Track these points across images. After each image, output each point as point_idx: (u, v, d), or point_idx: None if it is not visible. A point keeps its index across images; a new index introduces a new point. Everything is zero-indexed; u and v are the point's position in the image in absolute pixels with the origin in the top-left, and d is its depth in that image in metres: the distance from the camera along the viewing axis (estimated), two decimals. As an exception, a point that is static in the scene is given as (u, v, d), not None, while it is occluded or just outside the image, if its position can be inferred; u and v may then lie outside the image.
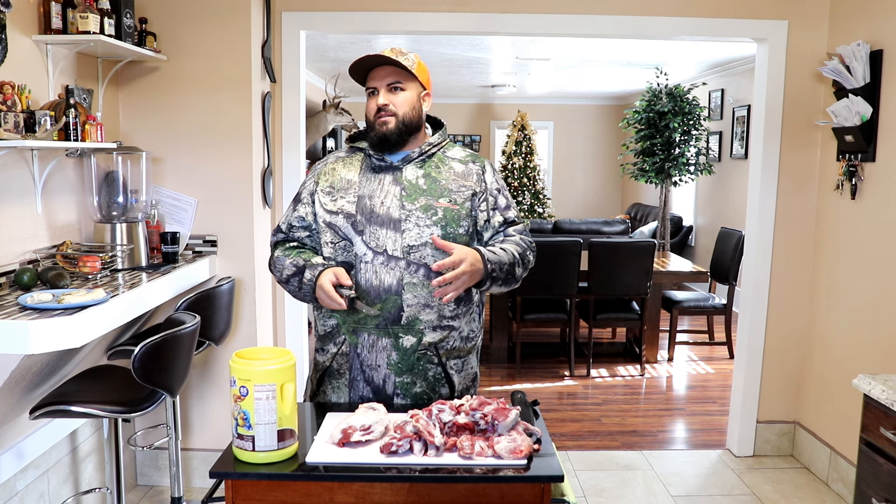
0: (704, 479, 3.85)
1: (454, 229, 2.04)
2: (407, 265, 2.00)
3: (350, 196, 2.07)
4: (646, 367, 5.86)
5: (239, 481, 1.63)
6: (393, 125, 2.05)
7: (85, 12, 2.75)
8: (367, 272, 2.02)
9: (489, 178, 2.15)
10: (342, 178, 2.11)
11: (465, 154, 2.18)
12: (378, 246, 2.01)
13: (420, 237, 2.01)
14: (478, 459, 1.64)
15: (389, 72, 2.06)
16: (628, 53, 7.54)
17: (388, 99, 2.06)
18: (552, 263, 5.42)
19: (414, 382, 2.05)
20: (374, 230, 2.02)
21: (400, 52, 2.08)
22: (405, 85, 2.08)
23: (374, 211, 2.03)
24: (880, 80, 3.33)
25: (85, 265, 2.72)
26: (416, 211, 2.03)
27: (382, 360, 2.04)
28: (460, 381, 2.14)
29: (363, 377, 2.06)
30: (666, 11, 3.74)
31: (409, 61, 2.07)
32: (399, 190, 2.05)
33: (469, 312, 2.13)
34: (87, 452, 3.26)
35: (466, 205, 2.08)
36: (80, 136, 2.74)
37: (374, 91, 2.09)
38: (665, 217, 8.59)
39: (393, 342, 2.03)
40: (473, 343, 2.17)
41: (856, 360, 3.53)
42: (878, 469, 2.25)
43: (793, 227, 3.93)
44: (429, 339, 2.04)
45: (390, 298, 2.01)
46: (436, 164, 2.12)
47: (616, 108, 12.30)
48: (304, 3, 3.66)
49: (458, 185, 2.09)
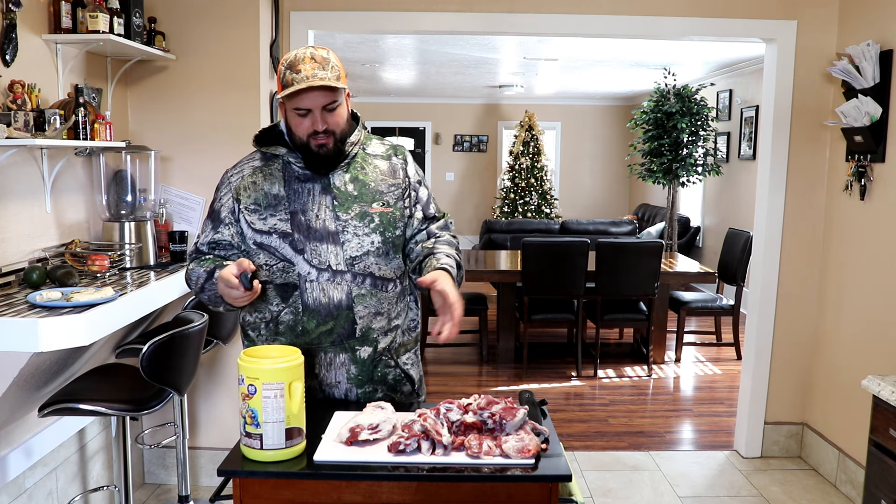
0: (712, 481, 3.84)
1: (392, 233, 1.99)
2: (353, 277, 1.94)
3: (281, 213, 1.94)
4: (653, 367, 5.85)
5: (247, 479, 1.63)
6: (332, 145, 1.91)
7: (94, 12, 2.76)
8: (314, 291, 1.93)
9: (410, 171, 2.07)
10: (266, 192, 1.95)
11: (385, 148, 2.08)
12: (321, 262, 1.92)
13: (361, 247, 1.94)
14: (485, 459, 1.63)
15: (323, 93, 1.85)
16: (636, 54, 7.52)
17: (326, 121, 1.88)
18: (559, 264, 5.42)
19: (375, 390, 2.03)
20: (315, 246, 1.92)
21: (322, 58, 1.86)
22: (338, 100, 1.89)
23: (310, 226, 1.93)
24: (890, 80, 3.32)
25: (94, 264, 2.73)
26: (352, 220, 1.94)
27: (342, 376, 1.99)
28: (417, 373, 2.13)
29: (323, 396, 2.01)
30: (674, 12, 3.73)
31: (335, 71, 1.86)
32: (330, 199, 1.95)
33: (406, 305, 2.09)
34: (95, 450, 3.27)
35: (399, 204, 2.01)
36: (89, 135, 2.75)
37: (305, 113, 1.88)
38: (673, 218, 8.57)
39: (350, 356, 1.98)
40: (416, 332, 2.14)
41: (864, 361, 3.51)
42: (887, 471, 2.23)
43: (801, 228, 3.91)
44: (383, 345, 2.01)
45: (342, 314, 1.94)
46: (360, 164, 2.01)
47: (624, 109, 12.27)
48: (313, 3, 3.66)
49: (388, 185, 2.01)
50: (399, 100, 12.20)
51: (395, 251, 2.01)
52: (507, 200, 11.31)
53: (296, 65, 1.84)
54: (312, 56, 1.86)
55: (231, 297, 1.83)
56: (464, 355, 6.19)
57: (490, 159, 12.66)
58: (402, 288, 2.07)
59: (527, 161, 11.25)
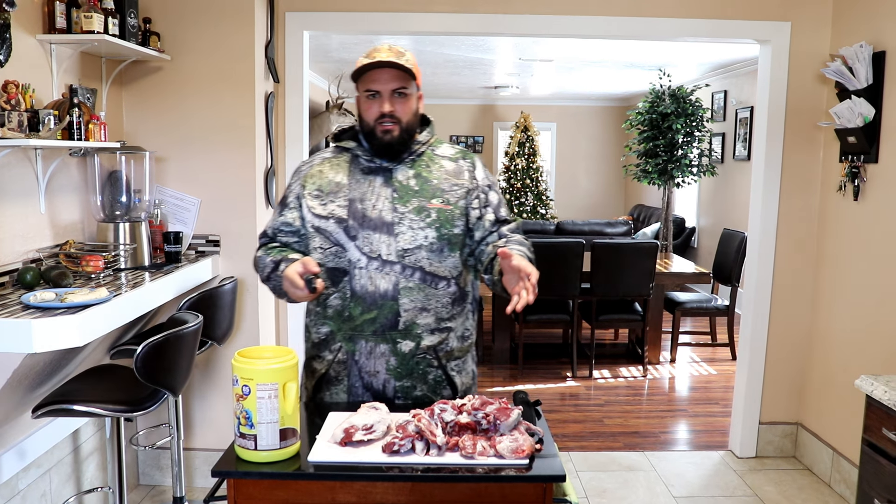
0: (707, 480, 3.85)
1: (448, 230, 2.00)
2: (402, 269, 1.97)
3: (340, 200, 2.01)
4: (648, 368, 5.85)
5: (241, 480, 1.63)
6: (397, 133, 1.99)
7: (89, 12, 2.76)
8: (362, 278, 1.97)
9: (479, 175, 2.11)
10: (330, 180, 2.05)
11: (455, 151, 2.13)
12: (372, 251, 1.97)
13: (414, 240, 1.97)
14: (480, 459, 1.63)
15: (393, 75, 1.97)
16: (631, 55, 7.53)
17: (394, 106, 1.98)
18: (555, 264, 5.42)
19: (414, 386, 2.04)
20: (367, 234, 1.97)
21: (399, 51, 1.99)
22: (408, 89, 2.00)
23: (365, 215, 1.98)
24: (883, 81, 3.33)
25: (88, 264, 2.72)
26: (408, 213, 1.98)
27: (381, 366, 2.01)
28: (462, 382, 2.12)
29: (362, 383, 2.04)
30: (669, 13, 3.74)
31: (409, 63, 1.99)
32: (391, 192, 2.00)
33: (464, 311, 2.10)
34: (89, 452, 3.26)
35: (460, 203, 2.04)
36: (83, 136, 2.75)
37: (374, 94, 1.99)
38: (668, 218, 8.58)
39: (391, 347, 2.00)
40: (470, 342, 2.15)
41: (858, 361, 3.52)
42: (880, 470, 2.24)
43: (795, 229, 3.92)
44: (427, 343, 2.02)
45: (386, 304, 1.97)
46: (426, 163, 2.06)
47: (619, 110, 12.29)
48: (308, 4, 3.66)
49: (451, 184, 2.05)
50: (394, 100, 12.19)
51: (449, 249, 2.02)
52: (503, 201, 11.30)
53: (372, 52, 2.00)
54: (390, 47, 2.00)
55: (294, 295, 1.91)
56: (459, 356, 6.18)
57: (486, 160, 12.66)
58: (460, 291, 2.06)
59: (522, 162, 11.26)
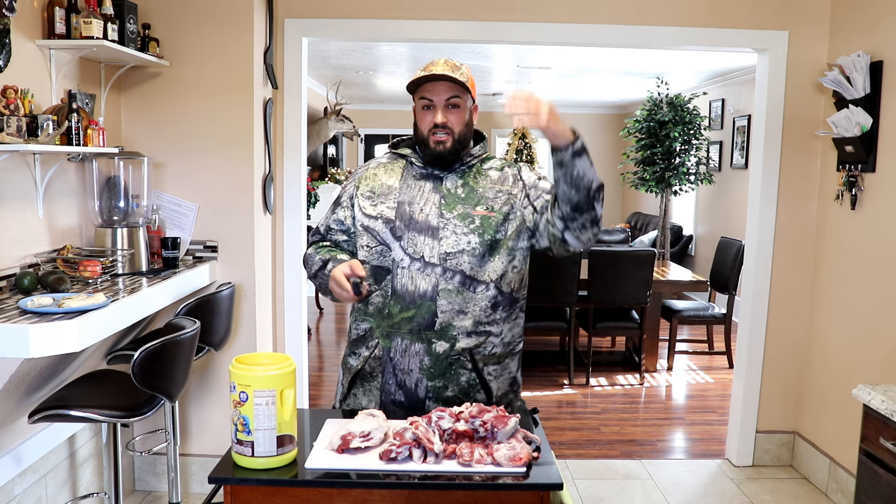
0: (703, 489, 3.84)
1: (491, 236, 2.04)
2: (443, 272, 2.02)
3: (390, 202, 2.09)
4: (645, 376, 5.85)
5: (238, 487, 1.63)
6: (450, 144, 2.05)
7: (88, 17, 2.76)
8: (403, 278, 2.03)
9: (526, 175, 2.15)
10: (383, 183, 2.13)
11: (502, 163, 2.19)
12: (415, 252, 2.03)
13: (457, 245, 2.02)
14: (477, 467, 1.63)
15: (447, 87, 2.04)
16: (629, 63, 7.56)
17: (447, 117, 2.04)
18: (552, 272, 5.42)
19: (446, 387, 2.06)
20: (413, 236, 2.04)
21: (455, 65, 2.06)
22: (461, 101, 2.06)
23: (413, 217, 2.05)
24: (880, 90, 3.34)
25: (85, 269, 2.72)
26: (453, 219, 2.04)
27: (415, 365, 2.04)
28: (498, 388, 2.12)
29: (395, 381, 2.07)
30: (667, 21, 3.75)
31: (464, 76, 2.05)
32: (439, 198, 2.07)
33: (511, 318, 2.13)
34: (86, 457, 3.25)
35: (504, 209, 2.07)
36: (82, 141, 2.75)
37: (429, 105, 2.06)
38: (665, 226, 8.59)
39: (426, 347, 2.03)
40: (514, 349, 2.17)
41: (855, 370, 3.52)
42: (877, 480, 2.24)
43: (793, 237, 3.93)
44: (462, 345, 2.04)
45: (424, 304, 2.02)
46: (475, 174, 2.13)
47: (617, 118, 12.32)
48: (307, 10, 3.67)
49: (495, 191, 2.10)
50: (393, 107, 12.21)
51: (490, 254, 2.05)
52: (501, 208, 11.31)
53: (429, 66, 2.07)
54: (446, 61, 2.07)
55: (339, 296, 2.00)
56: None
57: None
58: (502, 295, 2.07)
59: (521, 166, 11.26)
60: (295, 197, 3.78)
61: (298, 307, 3.85)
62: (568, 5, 3.72)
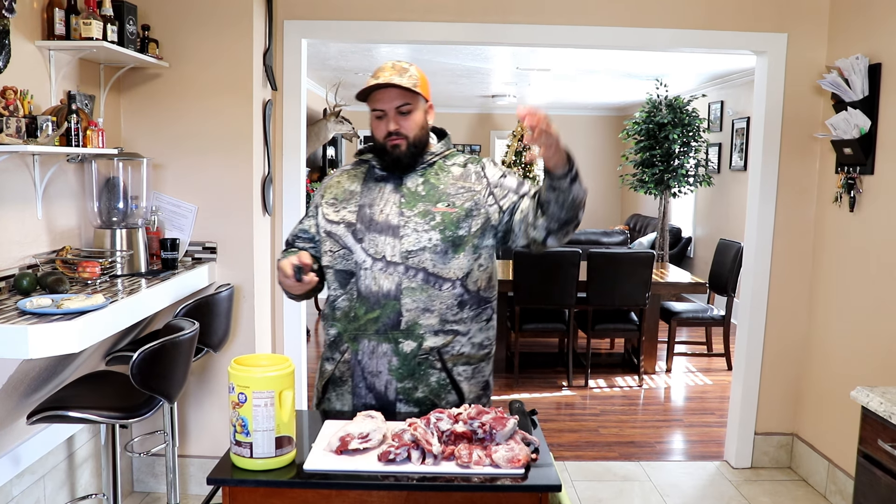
0: (702, 491, 3.84)
1: (453, 232, 2.04)
2: (405, 270, 2.01)
3: (352, 206, 2.10)
4: (644, 377, 5.85)
5: (236, 488, 1.63)
6: (405, 148, 2.06)
7: (88, 19, 2.76)
8: (367, 279, 2.03)
9: (490, 172, 2.15)
10: (346, 189, 2.15)
11: (464, 159, 2.18)
12: (377, 252, 2.03)
13: (418, 242, 2.02)
14: (475, 468, 1.63)
15: (396, 94, 2.03)
16: (628, 65, 7.56)
17: (398, 123, 2.04)
18: (551, 274, 5.42)
19: (416, 388, 2.05)
20: (373, 237, 2.04)
21: (402, 68, 2.05)
22: (412, 105, 2.06)
23: (373, 219, 2.06)
24: (879, 93, 3.35)
25: (84, 270, 2.72)
26: (414, 217, 2.04)
27: (383, 366, 2.04)
28: (470, 390, 2.13)
29: (365, 384, 2.07)
30: (665, 23, 3.75)
31: (412, 79, 2.04)
32: (398, 198, 2.07)
33: (481, 318, 2.11)
34: (84, 458, 3.25)
35: (466, 205, 2.06)
36: (81, 142, 2.75)
37: (381, 114, 2.06)
38: (664, 228, 8.59)
39: (393, 347, 2.03)
40: (487, 351, 2.16)
41: (854, 372, 3.53)
42: (875, 482, 2.24)
43: (791, 239, 3.93)
44: (430, 344, 2.03)
45: (389, 304, 2.01)
46: (436, 171, 2.12)
47: (616, 119, 12.33)
48: (306, 12, 3.67)
49: (457, 188, 2.09)
50: (392, 109, 12.21)
51: (454, 251, 2.04)
52: (500, 210, 11.31)
53: (377, 72, 2.06)
54: (393, 65, 2.06)
55: (285, 284, 2.05)
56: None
57: (483, 168, 12.68)
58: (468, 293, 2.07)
59: (519, 171, 11.28)
60: (294, 198, 3.79)
61: (297, 308, 3.85)
62: (567, 7, 3.73)
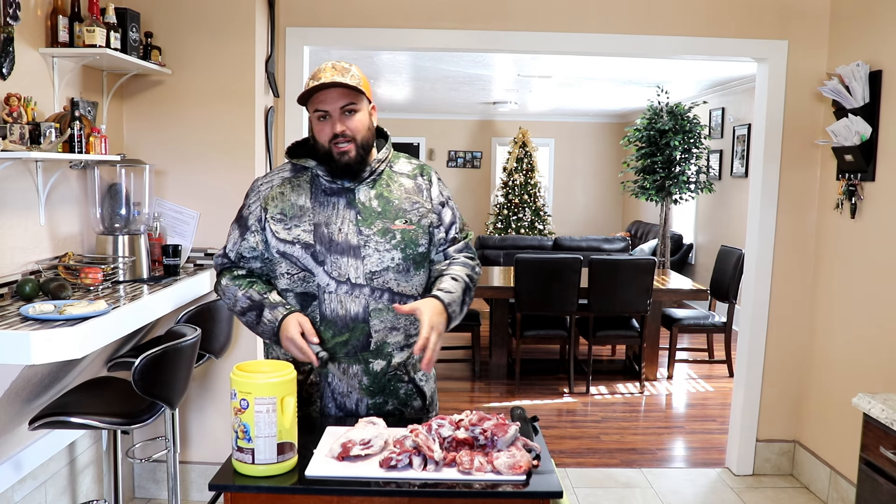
0: (703, 498, 3.84)
1: (413, 250, 2.01)
2: (371, 291, 1.97)
3: (305, 224, 1.99)
4: (645, 384, 5.85)
5: (238, 494, 1.63)
6: (354, 153, 1.95)
7: (91, 26, 2.78)
8: (332, 302, 1.98)
9: (434, 193, 2.10)
10: (293, 203, 2.01)
11: (412, 167, 2.12)
12: (341, 275, 1.96)
13: (381, 262, 1.97)
14: (477, 475, 1.63)
15: (340, 93, 1.93)
16: (629, 72, 7.58)
17: (344, 124, 1.94)
18: (552, 280, 5.43)
19: (386, 402, 2.05)
20: (335, 259, 1.96)
21: (343, 68, 1.95)
22: (357, 105, 1.95)
23: (332, 239, 1.97)
24: (879, 100, 3.36)
25: (87, 276, 2.73)
26: (374, 236, 1.98)
27: (354, 386, 2.02)
28: (429, 388, 2.15)
29: (335, 404, 2.04)
30: (666, 31, 3.77)
31: (355, 79, 1.94)
32: (354, 214, 1.99)
33: None
34: (86, 464, 3.25)
35: (423, 222, 2.04)
36: (84, 149, 2.76)
37: (325, 115, 1.95)
38: (665, 235, 8.60)
39: (363, 367, 2.01)
40: None
41: (856, 378, 3.52)
42: (878, 489, 2.24)
43: (793, 246, 3.94)
44: (398, 360, 2.03)
45: (357, 326, 1.98)
46: (386, 181, 2.05)
47: (617, 126, 12.34)
48: (308, 19, 3.69)
49: (411, 202, 2.05)
50: (393, 115, 12.24)
51: (415, 268, 2.03)
52: (501, 216, 11.33)
53: (317, 73, 1.95)
54: (333, 66, 1.95)
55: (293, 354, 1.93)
56: (456, 371, 6.18)
57: (484, 175, 12.70)
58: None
59: (520, 177, 11.29)
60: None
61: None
62: (568, 14, 3.74)
